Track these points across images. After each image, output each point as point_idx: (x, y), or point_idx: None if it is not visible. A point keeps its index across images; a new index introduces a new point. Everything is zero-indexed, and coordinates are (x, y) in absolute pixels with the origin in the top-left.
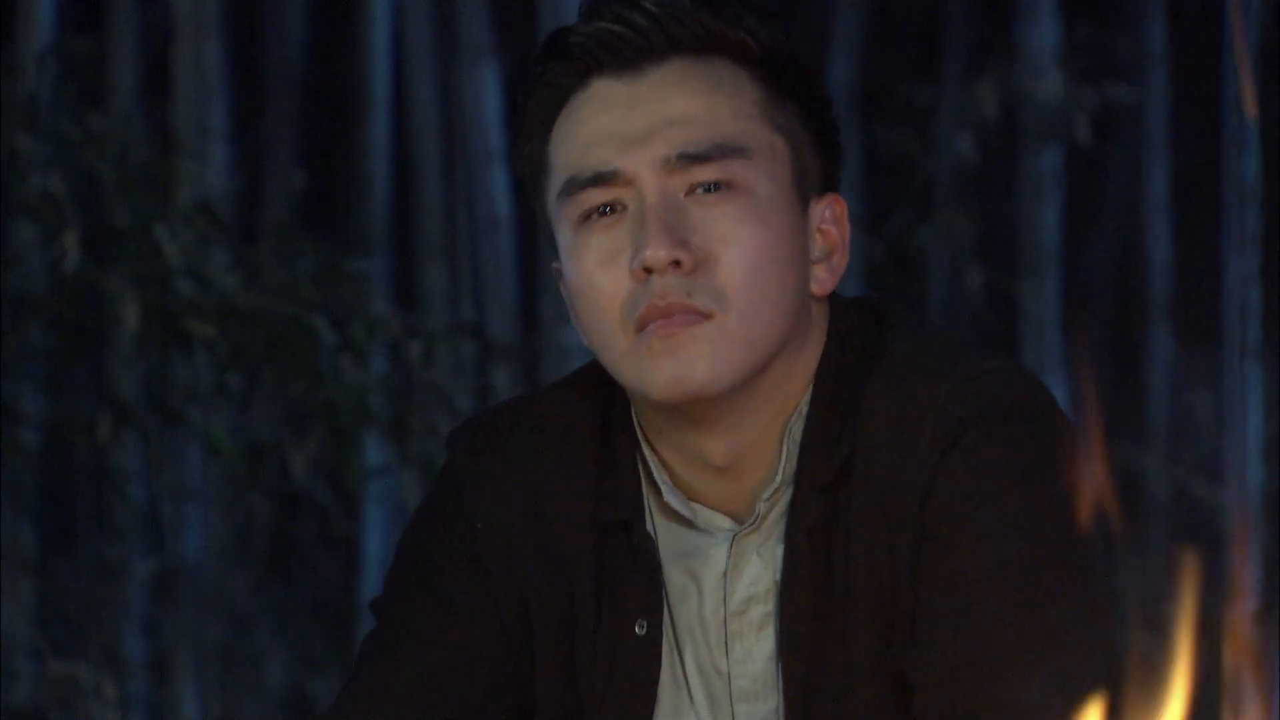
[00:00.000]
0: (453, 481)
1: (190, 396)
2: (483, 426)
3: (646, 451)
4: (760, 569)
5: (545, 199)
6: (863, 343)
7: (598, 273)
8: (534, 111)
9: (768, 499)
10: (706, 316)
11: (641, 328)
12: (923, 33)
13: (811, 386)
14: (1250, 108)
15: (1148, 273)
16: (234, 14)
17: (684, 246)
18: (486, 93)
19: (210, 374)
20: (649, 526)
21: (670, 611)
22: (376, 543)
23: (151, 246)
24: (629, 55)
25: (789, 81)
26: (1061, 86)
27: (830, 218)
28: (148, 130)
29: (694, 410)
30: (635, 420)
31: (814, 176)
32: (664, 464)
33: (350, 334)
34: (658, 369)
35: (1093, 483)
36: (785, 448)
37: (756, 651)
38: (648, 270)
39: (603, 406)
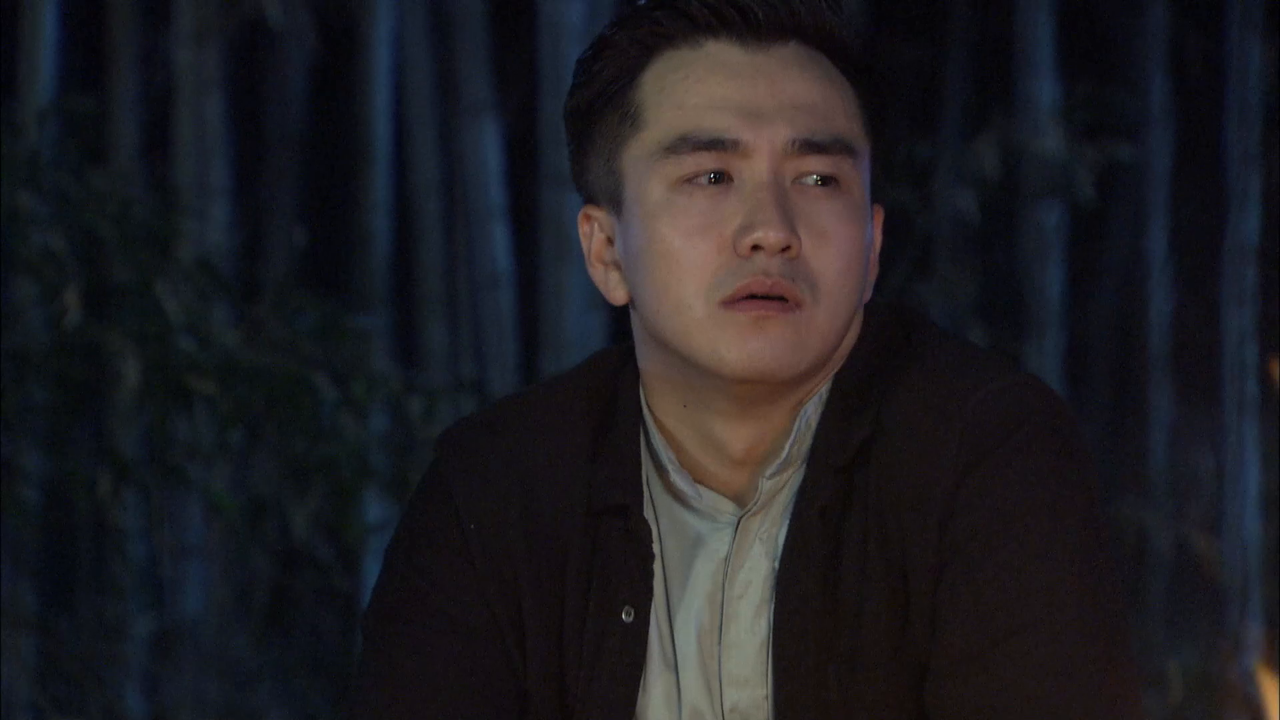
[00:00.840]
0: (441, 485)
1: (191, 453)
2: (471, 427)
3: (654, 433)
4: (761, 554)
5: (616, 141)
6: (891, 339)
7: (692, 237)
8: (625, 48)
9: (770, 476)
10: (797, 305)
11: (731, 300)
12: (922, 87)
13: (833, 376)
14: None
15: (1148, 329)
16: (234, 71)
17: (794, 233)
18: (487, 149)
19: (211, 430)
20: (647, 513)
21: (668, 595)
22: None
23: (152, 303)
24: (754, 25)
25: (873, 91)
26: (1063, 143)
27: (876, 228)
28: (149, 187)
29: (743, 391)
30: (644, 403)
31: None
32: (671, 445)
33: (351, 390)
34: (738, 343)
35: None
36: (797, 428)
37: (750, 637)
38: (754, 248)
39: (598, 396)
